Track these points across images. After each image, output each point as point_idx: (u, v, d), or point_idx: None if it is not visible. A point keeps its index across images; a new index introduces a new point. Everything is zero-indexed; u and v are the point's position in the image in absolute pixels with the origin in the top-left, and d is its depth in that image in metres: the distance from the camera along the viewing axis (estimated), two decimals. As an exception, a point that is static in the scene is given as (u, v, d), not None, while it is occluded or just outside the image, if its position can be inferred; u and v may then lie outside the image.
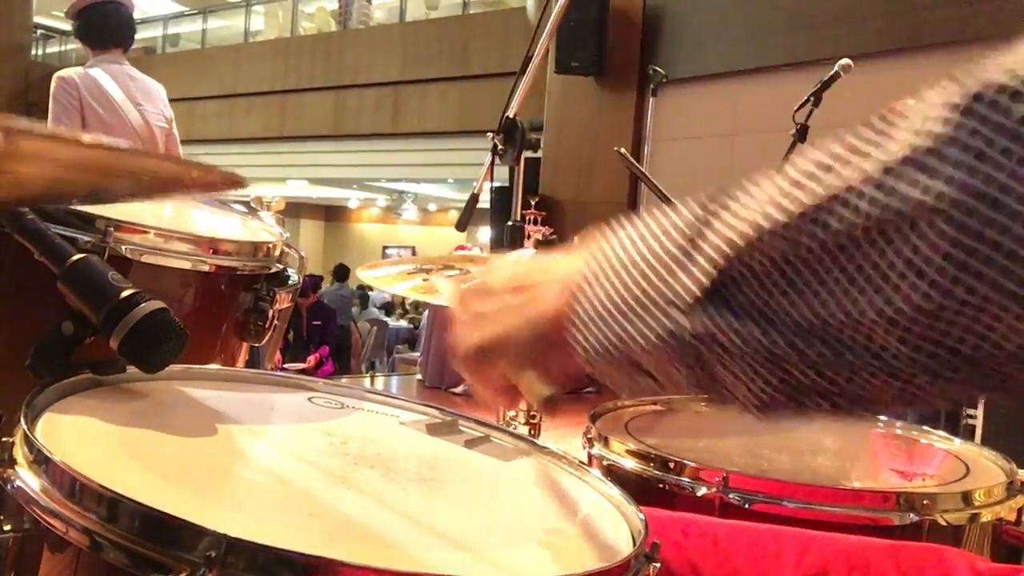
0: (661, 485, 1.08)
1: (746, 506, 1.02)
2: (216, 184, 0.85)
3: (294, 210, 18.85)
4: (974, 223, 0.33)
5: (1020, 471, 1.15)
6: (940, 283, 0.35)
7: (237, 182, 0.80)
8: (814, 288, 0.40)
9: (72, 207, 1.11)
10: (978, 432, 3.11)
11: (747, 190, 0.45)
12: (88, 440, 0.68)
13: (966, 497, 1.04)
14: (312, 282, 9.50)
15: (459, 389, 5.94)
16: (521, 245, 1.80)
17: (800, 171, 0.41)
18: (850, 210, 0.37)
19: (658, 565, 0.61)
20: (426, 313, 8.00)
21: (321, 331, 9.09)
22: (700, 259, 0.44)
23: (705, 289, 0.44)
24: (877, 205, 0.36)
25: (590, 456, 1.18)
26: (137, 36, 3.61)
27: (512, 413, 1.43)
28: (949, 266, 0.35)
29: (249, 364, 1.58)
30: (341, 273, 11.28)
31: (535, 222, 6.70)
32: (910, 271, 0.36)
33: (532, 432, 1.36)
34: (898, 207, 0.35)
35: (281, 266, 1.50)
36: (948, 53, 5.56)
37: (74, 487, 0.57)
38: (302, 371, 8.01)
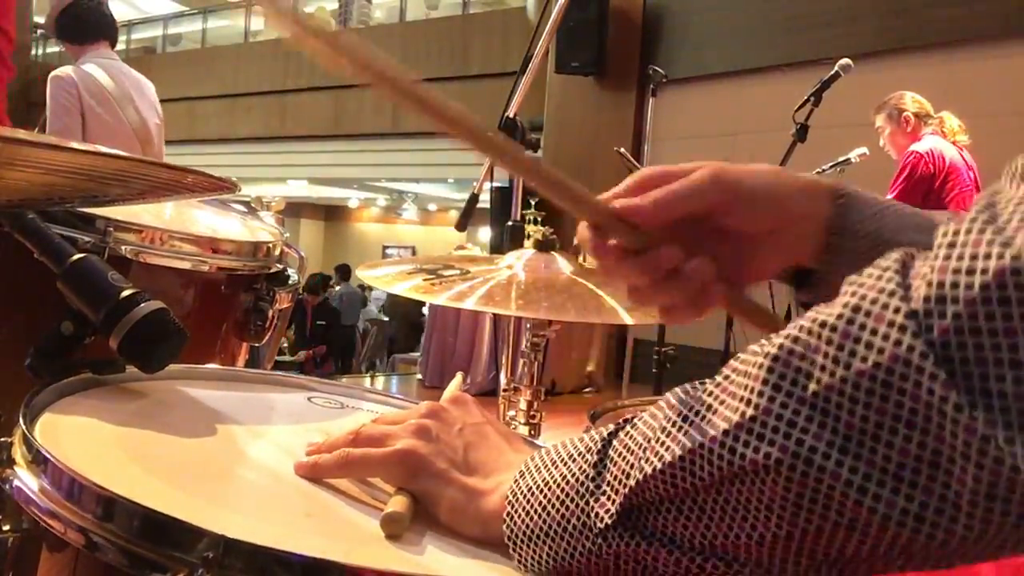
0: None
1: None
2: (209, 189, 0.85)
3: (294, 210, 18.84)
4: (797, 475, 0.43)
5: None
6: (785, 516, 0.44)
7: (230, 187, 0.81)
8: (700, 517, 0.48)
9: (71, 208, 1.11)
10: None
11: (636, 421, 0.53)
12: (87, 440, 0.68)
13: None
14: (322, 280, 9.47)
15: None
16: (521, 245, 1.80)
17: (668, 417, 0.50)
18: (708, 462, 0.47)
19: None
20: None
21: (324, 332, 9.08)
22: (605, 487, 0.52)
23: (613, 516, 0.51)
24: (725, 460, 0.46)
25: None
26: (137, 36, 3.59)
27: (512, 413, 1.43)
28: (789, 505, 0.44)
29: (249, 364, 1.58)
30: (345, 272, 11.31)
31: (535, 222, 6.69)
32: (762, 508, 0.45)
33: (532, 432, 1.36)
34: (741, 464, 0.45)
35: (281, 266, 1.50)
36: (948, 53, 5.56)
37: (72, 487, 0.57)
38: (292, 365, 7.98)
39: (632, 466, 0.51)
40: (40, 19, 15.22)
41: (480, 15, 12.00)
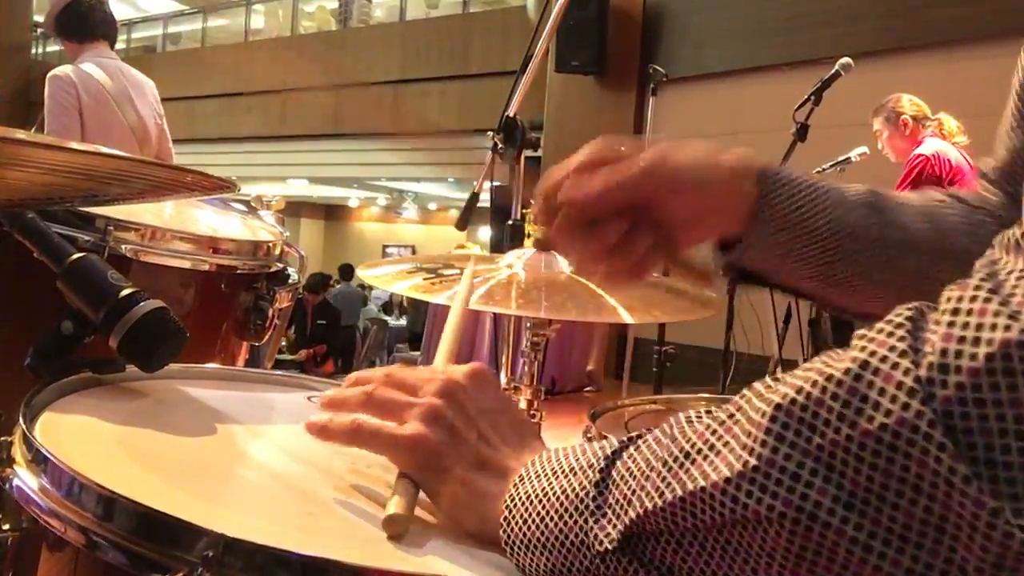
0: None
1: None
2: (208, 189, 0.85)
3: (294, 209, 18.84)
4: (801, 529, 0.43)
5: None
6: (788, 566, 0.44)
7: (228, 186, 0.81)
8: (700, 553, 0.48)
9: (71, 207, 1.11)
10: None
11: (640, 444, 0.53)
12: (87, 439, 0.68)
13: None
14: (322, 280, 9.46)
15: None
16: (521, 244, 1.80)
17: (670, 451, 0.50)
18: (709, 507, 0.46)
19: None
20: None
21: (324, 331, 9.07)
22: (607, 511, 0.52)
23: (615, 542, 0.51)
24: (727, 508, 0.45)
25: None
26: (136, 35, 3.57)
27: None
28: (792, 556, 0.44)
29: (249, 363, 1.58)
30: (347, 272, 11.31)
31: (535, 221, 6.68)
32: (764, 555, 0.45)
33: (532, 431, 1.36)
34: (744, 512, 0.45)
35: (281, 265, 1.51)
36: (948, 53, 5.56)
37: (72, 486, 0.57)
38: (292, 364, 7.98)
39: (634, 494, 0.51)
40: (40, 18, 15.22)
41: (480, 14, 11.99)
